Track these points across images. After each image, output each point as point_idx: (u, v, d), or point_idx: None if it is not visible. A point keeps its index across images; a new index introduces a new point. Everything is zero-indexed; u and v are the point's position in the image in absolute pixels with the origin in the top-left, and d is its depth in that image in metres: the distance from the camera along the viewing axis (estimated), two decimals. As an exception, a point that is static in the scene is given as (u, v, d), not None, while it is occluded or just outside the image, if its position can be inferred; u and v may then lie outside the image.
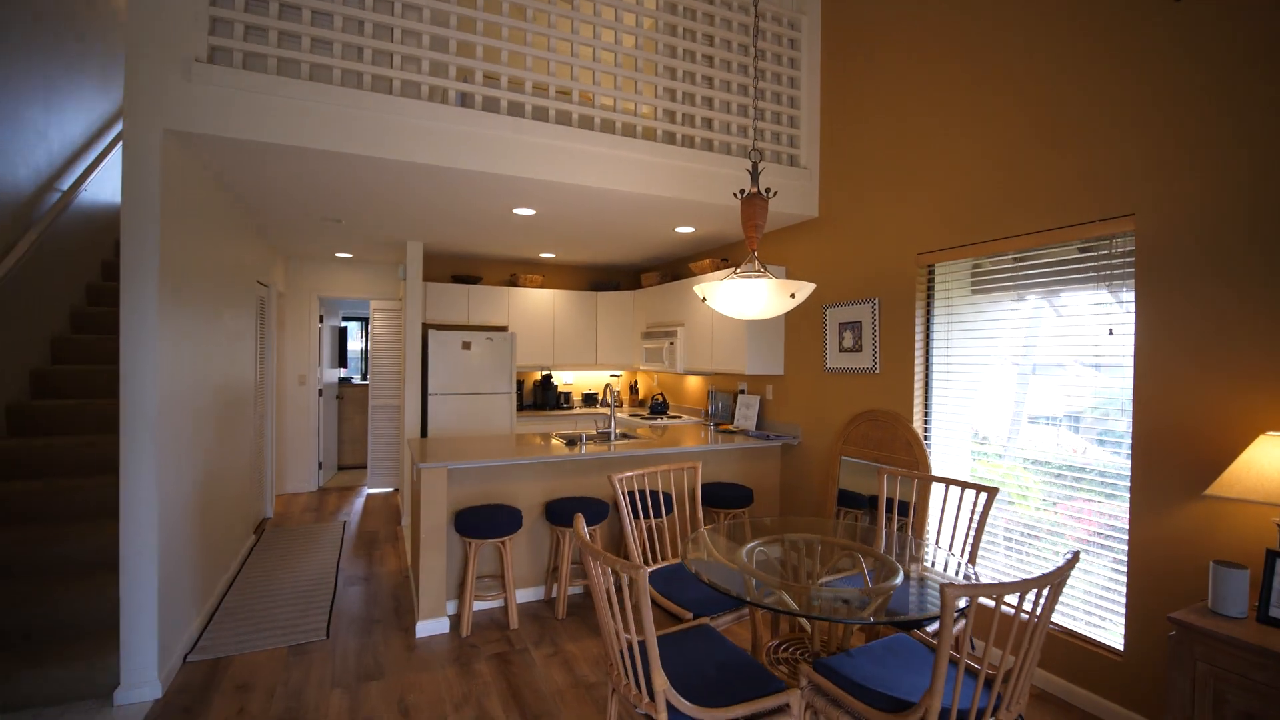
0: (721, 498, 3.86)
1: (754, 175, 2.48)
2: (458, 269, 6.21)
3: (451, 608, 3.49)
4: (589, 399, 6.53)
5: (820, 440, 4.11)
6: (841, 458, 3.86)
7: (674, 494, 3.26)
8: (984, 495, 2.52)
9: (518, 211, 4.09)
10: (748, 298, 2.34)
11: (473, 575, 3.26)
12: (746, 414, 4.72)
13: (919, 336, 3.41)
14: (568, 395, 6.37)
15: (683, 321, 5.23)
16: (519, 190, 3.56)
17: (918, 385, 3.42)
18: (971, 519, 2.57)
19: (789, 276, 4.46)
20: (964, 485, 2.58)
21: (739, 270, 2.46)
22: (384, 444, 6.49)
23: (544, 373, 6.31)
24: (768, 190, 2.50)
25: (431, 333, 5.22)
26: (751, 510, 4.21)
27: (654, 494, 3.59)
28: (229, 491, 3.93)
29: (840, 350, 3.94)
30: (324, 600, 3.66)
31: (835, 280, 4.00)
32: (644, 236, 4.93)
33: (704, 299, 2.46)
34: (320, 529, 5.10)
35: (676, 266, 6.16)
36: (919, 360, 3.42)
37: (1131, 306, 2.48)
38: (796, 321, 4.35)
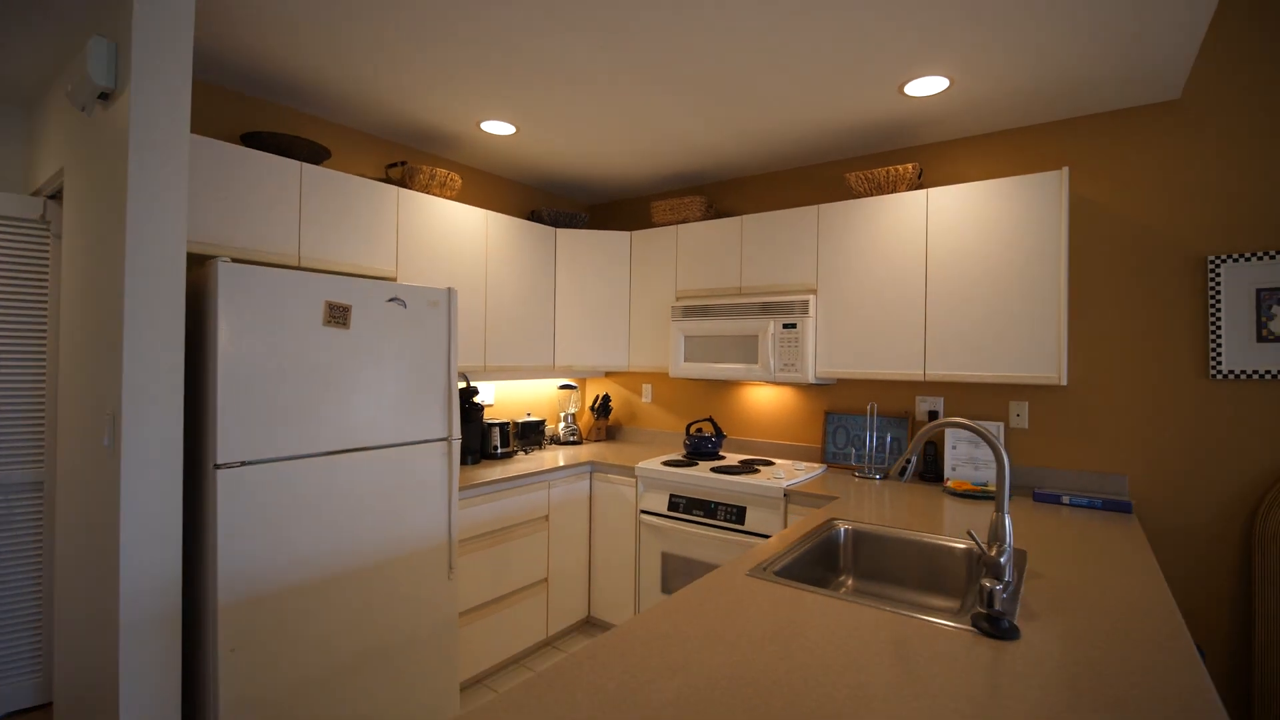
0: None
1: None
2: (263, 119, 2.50)
3: None
4: (529, 431, 3.42)
5: (1193, 506, 2.23)
6: (1289, 542, 2.07)
7: None
8: None
9: None
10: None
11: None
12: (972, 456, 2.58)
13: None
14: (502, 427, 3.18)
15: (814, 287, 2.78)
16: None
17: None
18: None
19: (1098, 214, 2.49)
20: None
21: None
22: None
23: (462, 382, 3.04)
24: None
25: (223, 268, 1.71)
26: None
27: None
28: None
29: (1264, 338, 2.14)
30: None
31: (1227, 209, 2.19)
32: (823, 99, 2.36)
33: None
34: None
35: (721, 193, 3.53)
36: None
37: None
38: (1101, 286, 2.40)
